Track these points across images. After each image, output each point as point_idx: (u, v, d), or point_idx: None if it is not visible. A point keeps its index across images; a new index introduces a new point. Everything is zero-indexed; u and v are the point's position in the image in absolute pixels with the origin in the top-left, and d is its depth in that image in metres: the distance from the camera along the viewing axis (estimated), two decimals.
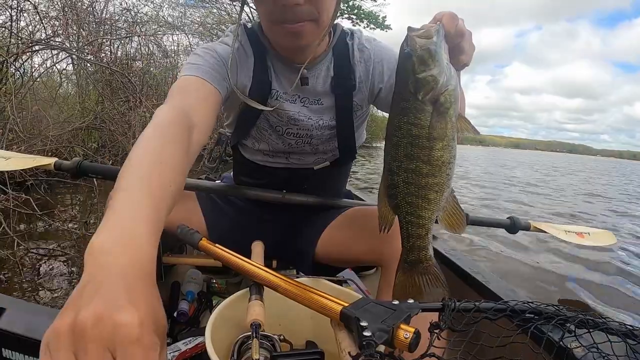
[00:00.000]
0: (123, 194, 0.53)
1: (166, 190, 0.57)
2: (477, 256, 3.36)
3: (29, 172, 3.47)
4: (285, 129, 1.10)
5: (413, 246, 0.74)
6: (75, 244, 2.76)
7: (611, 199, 9.28)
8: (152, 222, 0.50)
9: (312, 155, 1.18)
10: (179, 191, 0.63)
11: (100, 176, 1.32)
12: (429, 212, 0.72)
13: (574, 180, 15.40)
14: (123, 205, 0.51)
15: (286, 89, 1.06)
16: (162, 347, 0.42)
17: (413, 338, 0.55)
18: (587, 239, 1.75)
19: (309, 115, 1.09)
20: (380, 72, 1.09)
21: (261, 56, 1.05)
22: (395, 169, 0.71)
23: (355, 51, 1.08)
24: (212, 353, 0.71)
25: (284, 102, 1.06)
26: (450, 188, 0.72)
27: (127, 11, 6.46)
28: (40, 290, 2.14)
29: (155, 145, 0.64)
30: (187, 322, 1.31)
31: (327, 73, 1.07)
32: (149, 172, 0.57)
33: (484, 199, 7.27)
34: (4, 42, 4.16)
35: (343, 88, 1.07)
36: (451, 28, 0.69)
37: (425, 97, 0.66)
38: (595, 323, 0.64)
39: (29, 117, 3.91)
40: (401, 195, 0.72)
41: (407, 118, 0.68)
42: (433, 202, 0.71)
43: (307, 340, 1.00)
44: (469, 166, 16.84)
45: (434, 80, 0.66)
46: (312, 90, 1.07)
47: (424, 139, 0.68)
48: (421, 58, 0.66)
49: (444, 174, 0.70)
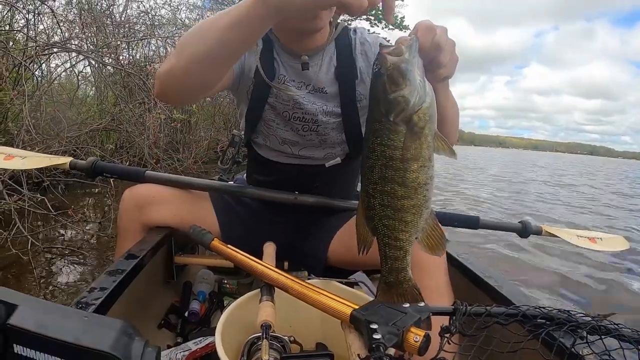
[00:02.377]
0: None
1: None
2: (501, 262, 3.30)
3: (46, 173, 3.53)
4: (291, 113, 1.15)
5: (391, 268, 0.73)
6: (89, 244, 2.80)
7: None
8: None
9: (321, 149, 1.20)
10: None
11: (116, 176, 1.34)
12: (406, 235, 0.70)
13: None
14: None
15: (292, 77, 1.13)
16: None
17: (423, 342, 0.54)
18: (599, 244, 1.72)
19: (314, 100, 1.14)
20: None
21: (268, 46, 1.13)
22: (371, 191, 0.69)
23: (357, 44, 1.15)
24: (221, 353, 0.72)
25: (290, 86, 1.13)
26: (429, 209, 0.70)
27: (145, 14, 6.55)
28: (53, 289, 2.17)
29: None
30: (198, 322, 1.31)
31: (330, 63, 1.14)
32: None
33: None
34: (20, 45, 4.24)
35: (346, 77, 1.13)
36: (426, 41, 0.67)
37: (397, 118, 0.64)
38: (607, 329, 0.62)
39: (43, 118, 3.97)
40: (378, 218, 0.70)
41: (380, 139, 0.66)
42: (410, 225, 0.69)
43: (317, 342, 1.00)
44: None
45: (405, 100, 0.63)
46: (316, 79, 1.12)
47: (398, 160, 0.66)
48: (391, 77, 0.63)
49: (421, 196, 0.67)
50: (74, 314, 0.44)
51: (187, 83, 0.86)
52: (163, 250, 1.27)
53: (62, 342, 0.39)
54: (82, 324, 0.42)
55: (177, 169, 5.46)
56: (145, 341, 0.44)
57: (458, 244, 1.57)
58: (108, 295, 0.83)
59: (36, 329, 0.39)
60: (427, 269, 0.94)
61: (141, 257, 1.04)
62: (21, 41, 4.32)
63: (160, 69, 0.89)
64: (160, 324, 1.30)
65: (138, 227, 1.22)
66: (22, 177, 2.92)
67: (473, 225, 1.45)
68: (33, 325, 0.39)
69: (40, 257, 2.54)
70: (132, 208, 1.22)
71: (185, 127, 6.85)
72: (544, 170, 20.93)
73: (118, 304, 0.88)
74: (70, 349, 0.39)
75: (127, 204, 1.23)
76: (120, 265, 0.98)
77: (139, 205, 1.22)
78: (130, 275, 0.97)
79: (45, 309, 0.42)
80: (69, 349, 0.39)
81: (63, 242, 2.84)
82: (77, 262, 2.53)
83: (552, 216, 5.94)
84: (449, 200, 6.75)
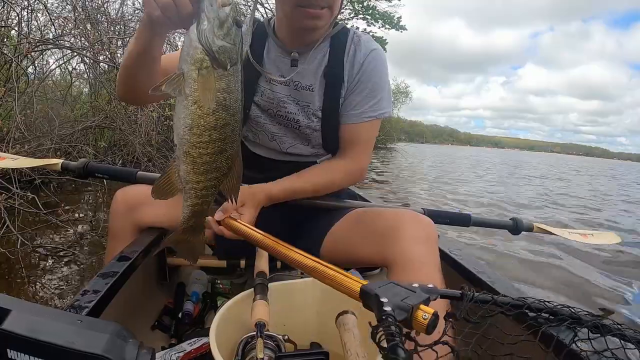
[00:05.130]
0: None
1: None
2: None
3: (39, 171, 3.50)
4: (275, 110, 1.19)
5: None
6: (79, 243, 2.78)
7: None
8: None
9: (309, 147, 1.23)
10: None
11: (107, 176, 1.33)
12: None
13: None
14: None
15: (281, 73, 1.17)
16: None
17: (432, 320, 0.54)
18: (590, 239, 1.75)
19: (298, 98, 1.17)
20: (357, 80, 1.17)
21: (260, 40, 1.19)
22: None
23: (350, 51, 1.17)
24: (216, 353, 0.72)
25: (276, 84, 1.17)
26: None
27: (140, 11, 6.48)
28: (42, 288, 2.15)
29: None
30: (192, 323, 1.31)
31: (322, 60, 1.16)
32: None
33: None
34: (13, 42, 4.19)
35: (334, 78, 1.15)
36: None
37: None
38: (609, 328, 0.63)
39: (34, 116, 3.93)
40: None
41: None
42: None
43: (311, 341, 1.01)
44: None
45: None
46: (304, 75, 1.15)
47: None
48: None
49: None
50: (68, 318, 0.44)
51: (127, 86, 0.99)
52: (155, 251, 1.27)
53: (57, 346, 0.39)
54: (75, 328, 0.42)
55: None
56: (139, 343, 0.45)
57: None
58: (101, 298, 0.83)
59: (30, 334, 0.39)
60: (419, 264, 0.95)
61: (134, 259, 1.04)
62: (15, 38, 4.27)
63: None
64: (154, 325, 1.29)
65: (130, 228, 1.21)
66: (13, 175, 2.89)
67: (465, 223, 1.46)
68: (27, 330, 0.39)
69: (30, 256, 2.51)
70: (123, 209, 1.22)
71: None
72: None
73: (111, 306, 0.88)
74: (64, 353, 0.39)
75: (118, 205, 1.22)
76: (113, 267, 0.98)
77: (130, 206, 1.21)
78: (123, 277, 0.97)
79: (39, 313, 0.42)
80: (63, 352, 0.39)
81: (53, 241, 2.81)
82: (67, 262, 2.50)
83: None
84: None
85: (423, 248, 0.97)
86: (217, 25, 0.65)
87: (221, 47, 0.66)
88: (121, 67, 0.97)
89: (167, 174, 0.75)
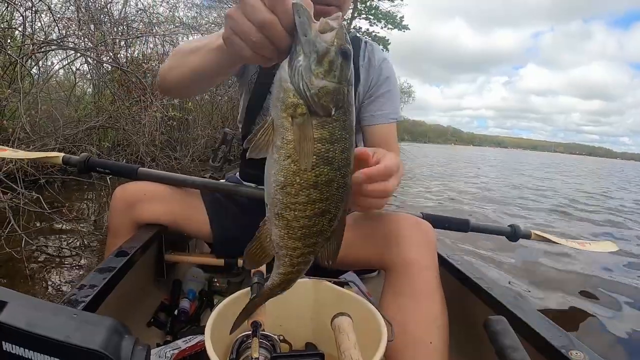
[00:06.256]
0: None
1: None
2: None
3: (43, 171, 3.52)
4: None
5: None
6: (83, 242, 2.79)
7: None
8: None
9: None
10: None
11: (108, 171, 1.34)
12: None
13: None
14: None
15: None
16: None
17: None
18: (587, 247, 1.76)
19: None
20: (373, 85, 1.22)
21: None
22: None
23: (365, 57, 1.21)
24: (211, 352, 0.72)
25: None
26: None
27: (142, 12, 6.53)
28: (47, 289, 2.15)
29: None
30: (188, 321, 1.31)
31: None
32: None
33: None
34: (18, 43, 4.22)
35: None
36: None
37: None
38: None
39: (39, 116, 3.94)
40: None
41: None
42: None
43: (306, 342, 1.01)
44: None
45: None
46: None
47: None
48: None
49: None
50: (64, 312, 0.44)
51: (181, 84, 0.96)
52: (153, 248, 1.28)
53: (52, 340, 0.40)
54: (72, 322, 0.42)
55: (174, 167, 5.46)
56: (135, 339, 0.45)
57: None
58: (98, 293, 0.83)
59: (26, 327, 0.39)
60: (417, 269, 0.95)
61: (131, 255, 1.04)
62: (19, 39, 4.30)
63: (162, 67, 1.00)
64: (150, 322, 1.30)
65: (128, 224, 1.22)
66: (18, 175, 2.90)
67: (463, 228, 1.46)
68: (23, 323, 0.39)
69: (34, 255, 2.52)
70: (122, 205, 1.22)
71: (183, 125, 6.85)
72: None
73: (108, 301, 0.88)
74: (60, 347, 0.40)
75: (117, 202, 1.23)
76: (111, 262, 0.98)
77: (129, 203, 1.22)
78: (121, 273, 0.97)
79: (35, 306, 0.43)
80: (59, 346, 0.40)
81: (57, 241, 2.82)
82: (71, 261, 2.51)
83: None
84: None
85: (422, 252, 0.97)
86: (314, 60, 0.51)
87: (322, 88, 0.51)
88: (177, 68, 0.92)
89: (259, 239, 0.62)
